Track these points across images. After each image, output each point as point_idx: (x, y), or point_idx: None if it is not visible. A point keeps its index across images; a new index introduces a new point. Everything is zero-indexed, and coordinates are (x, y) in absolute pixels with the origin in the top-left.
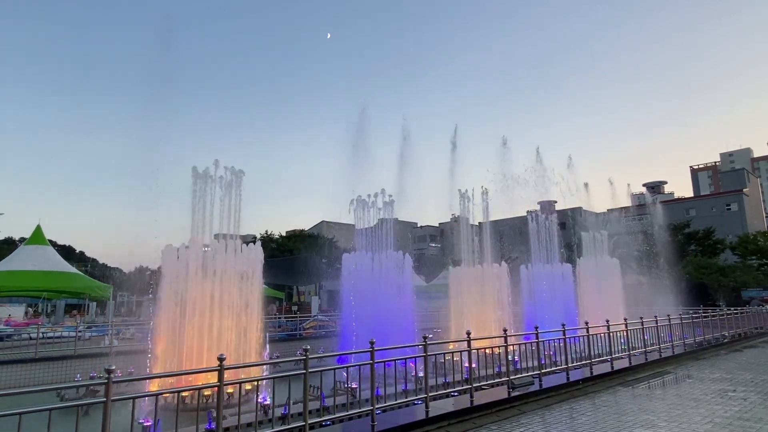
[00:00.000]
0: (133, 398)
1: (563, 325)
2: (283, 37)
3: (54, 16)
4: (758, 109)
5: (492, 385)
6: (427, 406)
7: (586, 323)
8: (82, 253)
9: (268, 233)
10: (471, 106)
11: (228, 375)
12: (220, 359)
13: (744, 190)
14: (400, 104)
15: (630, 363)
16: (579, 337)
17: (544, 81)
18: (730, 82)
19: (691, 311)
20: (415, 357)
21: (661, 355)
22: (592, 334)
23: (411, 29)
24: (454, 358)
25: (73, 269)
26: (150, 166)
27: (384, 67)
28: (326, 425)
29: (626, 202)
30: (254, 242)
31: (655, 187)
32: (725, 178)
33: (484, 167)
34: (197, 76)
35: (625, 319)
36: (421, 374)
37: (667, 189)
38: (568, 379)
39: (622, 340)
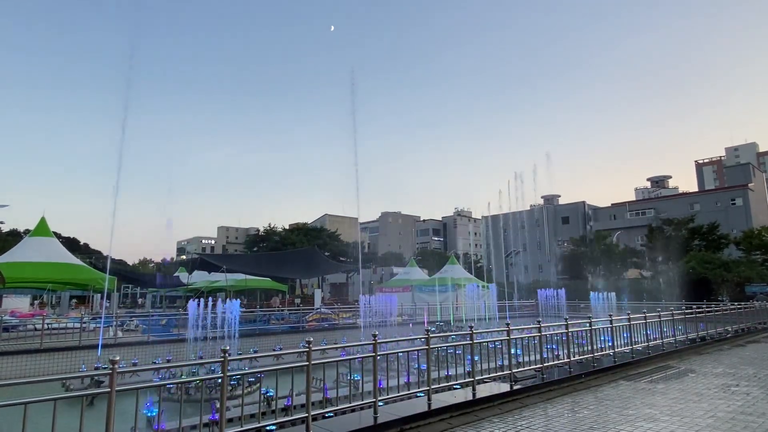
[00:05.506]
0: (138, 389)
1: (566, 319)
2: (286, 32)
3: (57, 4)
4: (764, 104)
5: (494, 379)
6: (429, 399)
7: (589, 317)
8: (86, 245)
9: (272, 226)
10: (474, 100)
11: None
12: (224, 350)
13: (749, 184)
14: (402, 99)
15: (632, 357)
16: (582, 330)
17: (548, 76)
18: (736, 77)
19: (694, 306)
20: (417, 350)
21: (663, 350)
22: (595, 329)
23: (413, 23)
24: (457, 351)
25: (77, 261)
26: (154, 160)
27: (387, 62)
28: (329, 417)
29: (630, 196)
30: (257, 235)
31: (659, 182)
32: (730, 172)
33: (488, 162)
34: (201, 69)
35: (629, 314)
36: (423, 367)
37: (671, 183)
38: (570, 372)
39: (625, 335)
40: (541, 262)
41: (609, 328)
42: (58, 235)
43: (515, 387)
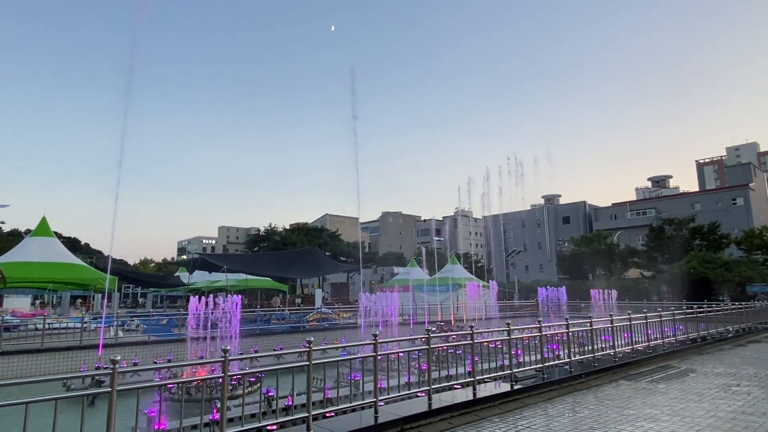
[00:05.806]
0: (138, 389)
1: (566, 318)
2: (286, 32)
3: (57, 4)
4: (764, 104)
5: (495, 378)
6: (430, 399)
7: (590, 317)
8: (87, 245)
9: (272, 226)
10: (474, 100)
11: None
12: (225, 350)
13: (750, 184)
14: (402, 99)
15: (633, 357)
16: (582, 330)
17: (548, 76)
18: (736, 77)
19: (695, 306)
20: (418, 350)
21: (664, 350)
22: (595, 328)
23: (413, 23)
24: (457, 351)
25: (78, 261)
26: (154, 159)
27: (387, 62)
28: (329, 417)
29: (631, 196)
30: (258, 235)
31: (660, 182)
32: (731, 172)
33: (488, 162)
34: (201, 69)
35: (629, 313)
36: (424, 367)
37: (672, 183)
38: (570, 372)
39: (626, 334)
40: (542, 262)
41: (610, 328)
42: (59, 235)
43: (516, 387)
